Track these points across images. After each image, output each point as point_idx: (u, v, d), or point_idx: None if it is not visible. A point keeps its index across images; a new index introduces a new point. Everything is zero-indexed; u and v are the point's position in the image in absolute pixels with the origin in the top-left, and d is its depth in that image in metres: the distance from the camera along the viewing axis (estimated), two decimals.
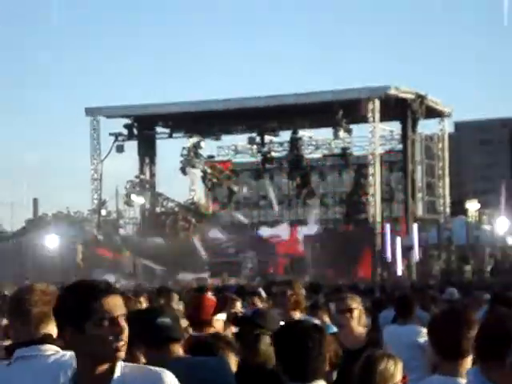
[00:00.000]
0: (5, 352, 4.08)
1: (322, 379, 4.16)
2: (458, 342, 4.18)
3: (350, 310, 7.50)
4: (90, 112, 51.20)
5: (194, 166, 52.32)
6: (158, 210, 52.83)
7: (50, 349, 3.86)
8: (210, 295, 6.91)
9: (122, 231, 53.51)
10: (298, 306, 7.82)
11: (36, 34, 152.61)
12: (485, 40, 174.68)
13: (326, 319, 9.60)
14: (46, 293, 4.01)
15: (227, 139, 54.34)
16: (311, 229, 49.61)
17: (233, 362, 5.04)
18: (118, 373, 3.26)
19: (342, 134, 48.21)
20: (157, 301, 11.59)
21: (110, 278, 31.60)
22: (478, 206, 52.80)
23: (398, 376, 4.71)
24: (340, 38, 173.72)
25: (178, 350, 4.50)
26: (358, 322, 7.53)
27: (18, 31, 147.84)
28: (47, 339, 3.89)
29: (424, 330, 8.24)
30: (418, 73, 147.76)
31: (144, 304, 11.48)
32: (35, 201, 64.85)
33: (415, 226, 44.86)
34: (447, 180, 52.01)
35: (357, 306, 7.59)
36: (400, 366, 4.75)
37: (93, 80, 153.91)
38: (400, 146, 49.44)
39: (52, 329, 3.89)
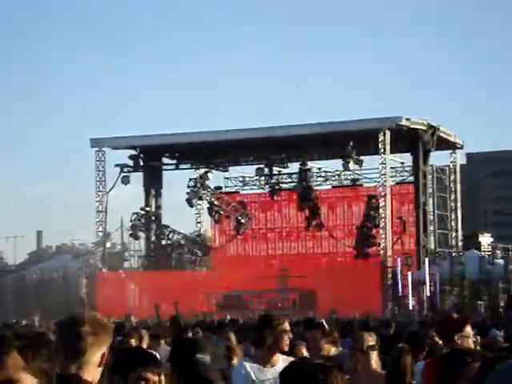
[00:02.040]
0: None
1: None
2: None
3: (371, 347, 6.99)
4: (95, 143, 50.41)
5: (200, 198, 51.37)
6: (163, 242, 51.84)
7: None
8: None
9: (126, 264, 52.58)
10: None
11: (39, 64, 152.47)
12: (497, 71, 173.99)
13: None
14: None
15: (235, 170, 53.61)
16: (321, 262, 48.68)
17: None
18: None
19: (351, 165, 47.30)
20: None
21: None
22: (491, 239, 51.62)
23: None
24: (351, 66, 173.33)
25: None
26: (376, 362, 7.03)
27: (19, 64, 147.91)
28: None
29: None
30: (429, 104, 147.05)
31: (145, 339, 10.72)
32: (39, 233, 64.00)
33: (427, 260, 43.79)
34: (459, 213, 50.98)
35: (374, 343, 7.06)
36: None
37: (99, 111, 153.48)
38: (411, 178, 48.50)
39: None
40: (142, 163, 50.72)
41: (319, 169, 52.19)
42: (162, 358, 4.51)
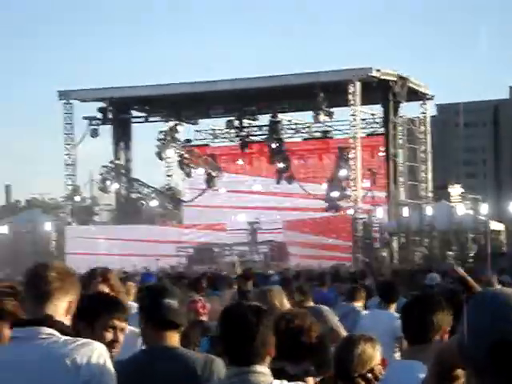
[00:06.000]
0: None
1: (262, 364, 3.87)
2: (423, 328, 4.32)
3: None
4: (64, 95, 49.73)
5: (170, 151, 50.93)
6: (133, 196, 51.50)
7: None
8: None
9: (97, 218, 52.15)
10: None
11: (9, 18, 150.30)
12: (467, 22, 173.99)
13: None
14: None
15: (205, 123, 53.16)
16: (291, 215, 48.63)
17: None
18: None
19: (322, 117, 47.06)
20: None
21: None
22: (461, 190, 51.78)
23: (377, 359, 4.71)
24: (323, 18, 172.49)
25: (175, 338, 4.45)
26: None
27: None
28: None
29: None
30: (399, 55, 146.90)
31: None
32: (8, 187, 63.25)
33: (397, 212, 43.87)
34: (430, 164, 51.04)
35: None
36: (378, 348, 4.77)
37: (67, 63, 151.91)
38: (382, 130, 48.38)
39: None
40: (110, 116, 50.13)
41: (289, 121, 51.89)
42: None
